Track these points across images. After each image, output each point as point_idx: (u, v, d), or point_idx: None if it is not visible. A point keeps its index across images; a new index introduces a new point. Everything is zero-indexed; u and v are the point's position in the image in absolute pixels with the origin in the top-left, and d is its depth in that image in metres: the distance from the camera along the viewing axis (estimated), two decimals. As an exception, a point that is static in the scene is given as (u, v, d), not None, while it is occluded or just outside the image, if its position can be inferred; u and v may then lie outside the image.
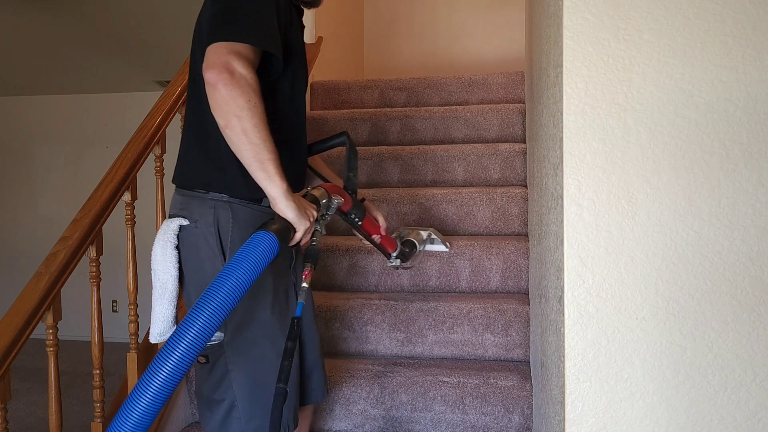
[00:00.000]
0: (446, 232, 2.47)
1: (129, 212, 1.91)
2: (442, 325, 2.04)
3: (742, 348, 0.91)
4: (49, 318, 1.59)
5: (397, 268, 1.87)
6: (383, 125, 2.99)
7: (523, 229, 2.42)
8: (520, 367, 1.95)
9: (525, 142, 2.72)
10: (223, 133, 1.19)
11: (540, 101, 1.49)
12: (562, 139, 0.96)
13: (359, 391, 1.88)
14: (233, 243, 1.31)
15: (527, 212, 2.37)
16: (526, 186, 2.55)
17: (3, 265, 5.07)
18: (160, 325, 1.33)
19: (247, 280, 1.07)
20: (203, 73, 1.18)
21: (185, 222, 1.33)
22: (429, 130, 2.95)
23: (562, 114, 0.96)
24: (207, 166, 1.34)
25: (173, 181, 1.40)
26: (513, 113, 2.89)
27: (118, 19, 3.72)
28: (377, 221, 1.67)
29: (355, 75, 4.33)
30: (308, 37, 3.44)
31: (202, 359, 1.29)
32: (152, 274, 1.34)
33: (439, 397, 1.84)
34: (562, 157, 0.97)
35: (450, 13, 4.51)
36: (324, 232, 1.33)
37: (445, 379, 1.86)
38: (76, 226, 1.69)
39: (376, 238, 1.68)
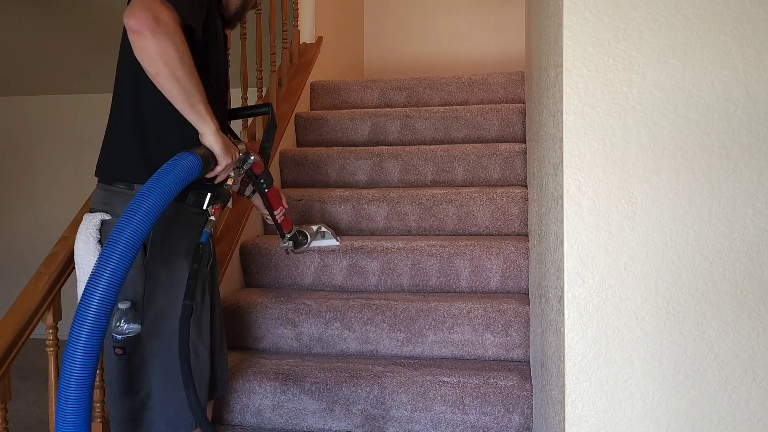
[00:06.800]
0: (446, 232, 2.47)
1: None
2: (442, 325, 2.04)
3: (742, 348, 0.91)
4: (49, 318, 1.59)
5: (287, 251, 2.01)
6: (383, 125, 2.99)
7: (523, 229, 2.42)
8: (520, 367, 1.95)
9: (525, 142, 2.72)
10: (153, 80, 1.20)
11: (540, 101, 1.49)
12: (562, 139, 0.96)
13: (359, 391, 1.87)
14: (155, 239, 1.33)
15: (527, 212, 2.37)
16: (526, 186, 2.55)
17: (3, 265, 5.07)
18: None
19: (168, 194, 1.15)
20: (125, 20, 1.15)
21: (107, 216, 1.35)
22: (429, 130, 2.95)
23: (562, 114, 0.96)
24: (138, 160, 1.35)
25: (96, 174, 1.41)
26: (513, 113, 2.88)
27: (118, 19, 3.72)
28: (281, 198, 1.76)
29: (355, 75, 4.33)
30: (308, 37, 3.44)
31: (119, 350, 1.33)
32: (76, 269, 1.36)
33: (439, 397, 1.84)
34: (562, 157, 0.97)
35: (450, 13, 4.50)
36: (238, 183, 1.41)
37: (445, 379, 1.86)
38: (75, 226, 1.69)
39: (278, 213, 1.77)
